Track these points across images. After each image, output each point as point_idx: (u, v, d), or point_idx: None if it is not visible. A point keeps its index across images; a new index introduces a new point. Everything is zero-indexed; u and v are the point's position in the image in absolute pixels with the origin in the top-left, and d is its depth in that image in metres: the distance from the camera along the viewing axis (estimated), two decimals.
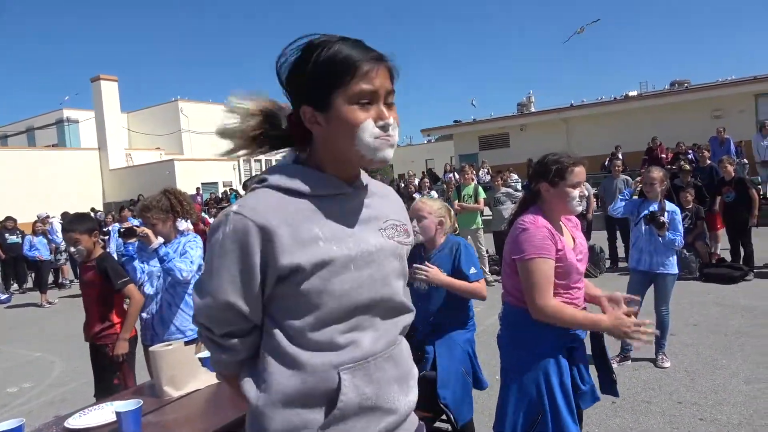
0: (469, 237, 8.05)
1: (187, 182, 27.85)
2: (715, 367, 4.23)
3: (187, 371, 2.42)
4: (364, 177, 1.21)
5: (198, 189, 23.08)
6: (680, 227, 4.25)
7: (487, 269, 8.04)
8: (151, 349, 2.43)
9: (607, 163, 15.87)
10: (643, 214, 4.35)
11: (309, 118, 1.08)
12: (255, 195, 1.09)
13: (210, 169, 31.83)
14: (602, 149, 17.57)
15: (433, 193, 9.43)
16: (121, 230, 3.33)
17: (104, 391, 3.14)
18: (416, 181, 11.44)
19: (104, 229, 9.68)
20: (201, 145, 34.13)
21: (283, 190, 1.08)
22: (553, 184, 2.17)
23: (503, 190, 8.25)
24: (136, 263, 3.30)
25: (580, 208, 2.18)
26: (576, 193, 2.14)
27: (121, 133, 33.61)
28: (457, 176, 19.05)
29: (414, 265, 2.83)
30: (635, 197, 4.86)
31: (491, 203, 8.10)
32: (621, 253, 8.49)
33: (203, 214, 11.83)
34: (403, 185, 12.75)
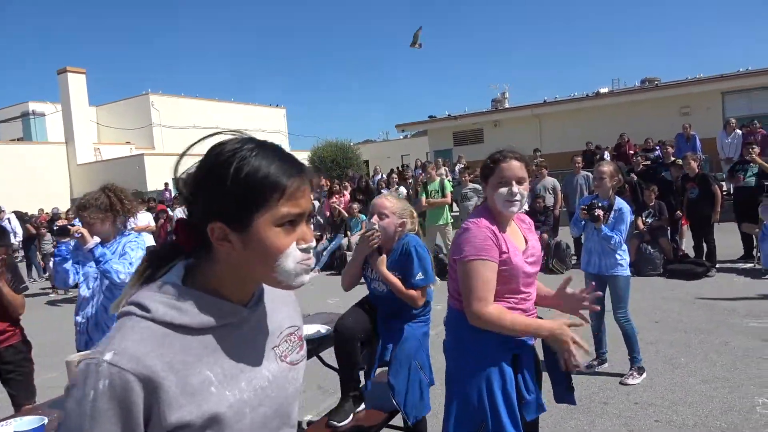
0: (437, 233, 7.98)
1: (157, 177, 27.31)
2: (674, 366, 4.21)
3: None
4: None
5: (166, 184, 22.58)
6: (624, 226, 4.00)
7: None
8: (66, 359, 2.25)
9: (599, 158, 16.02)
10: (581, 204, 4.22)
11: (218, 235, 0.90)
12: (133, 332, 0.86)
13: (182, 164, 31.22)
14: (574, 145, 17.66)
15: (401, 190, 9.32)
16: (54, 228, 3.13)
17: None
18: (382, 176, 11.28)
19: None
20: (173, 139, 33.48)
21: (170, 326, 0.88)
22: (486, 182, 2.07)
23: (470, 185, 8.18)
24: (68, 264, 3.09)
25: (513, 209, 2.02)
26: (503, 190, 1.99)
27: (90, 127, 32.79)
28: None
29: (364, 231, 2.77)
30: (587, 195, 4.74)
31: (458, 199, 8.03)
32: None
33: (170, 211, 11.50)
34: (364, 183, 12.57)
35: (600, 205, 4.08)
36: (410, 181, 11.15)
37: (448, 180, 8.44)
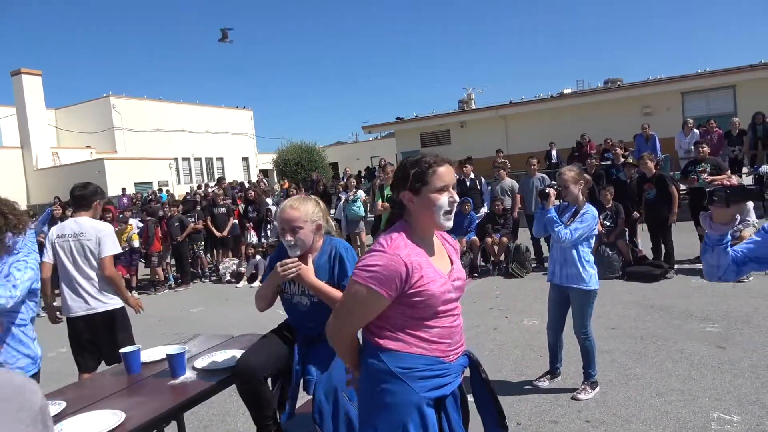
0: None
1: (118, 181, 26.54)
2: (628, 378, 4.02)
3: None
4: None
5: (123, 189, 21.90)
6: (581, 227, 3.70)
7: None
8: None
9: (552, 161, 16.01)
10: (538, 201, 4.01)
11: None
12: None
13: (144, 168, 30.45)
14: (539, 146, 17.68)
15: (360, 193, 9.03)
16: None
17: None
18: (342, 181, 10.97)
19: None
20: (136, 143, 32.62)
21: None
22: (414, 192, 1.78)
23: None
24: None
25: (449, 223, 1.79)
26: (444, 199, 1.75)
27: (47, 131, 31.73)
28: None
29: (279, 262, 2.45)
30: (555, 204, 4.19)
31: None
32: (546, 252, 8.36)
33: (131, 217, 10.90)
34: (321, 187, 12.24)
35: (552, 184, 3.89)
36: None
37: None
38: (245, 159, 39.82)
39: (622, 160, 8.12)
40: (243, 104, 42.15)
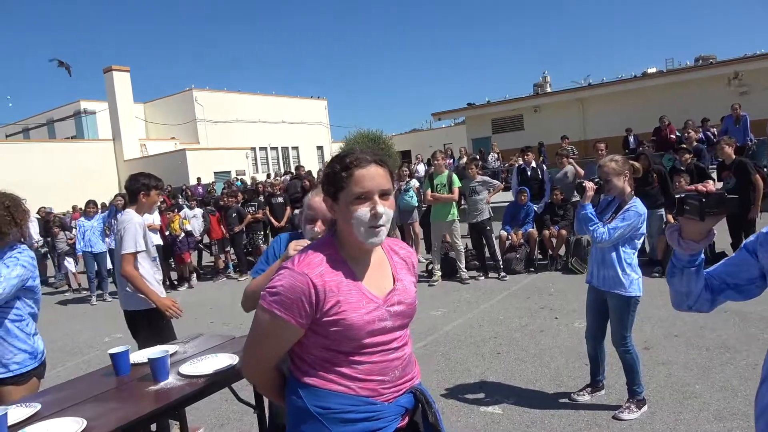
0: (444, 231, 7.40)
1: (199, 171, 27.72)
2: (684, 396, 3.53)
3: None
4: None
5: (198, 179, 22.87)
6: (622, 225, 3.19)
7: (462, 265, 7.36)
8: None
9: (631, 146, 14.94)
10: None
11: None
12: None
13: (222, 157, 31.63)
14: (618, 131, 16.57)
15: (413, 182, 8.75)
16: None
17: None
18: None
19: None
20: (216, 133, 33.97)
21: None
22: (332, 198, 1.48)
23: (479, 178, 7.52)
24: None
25: (377, 239, 1.44)
26: (363, 211, 1.41)
27: (136, 124, 33.66)
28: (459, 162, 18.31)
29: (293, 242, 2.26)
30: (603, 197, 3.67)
31: (467, 193, 7.40)
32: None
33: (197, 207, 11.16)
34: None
35: (594, 179, 3.43)
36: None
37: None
38: (320, 148, 40.47)
39: (695, 144, 7.25)
40: (317, 94, 42.80)
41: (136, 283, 3.54)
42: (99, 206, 9.91)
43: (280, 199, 10.43)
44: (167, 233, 9.22)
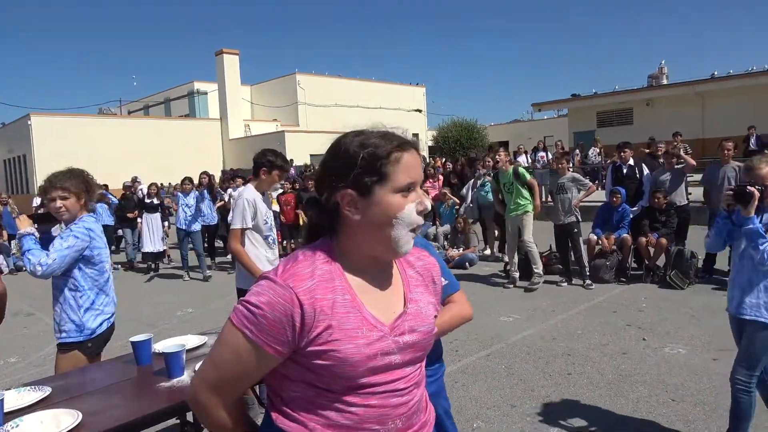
0: (517, 225, 6.82)
1: (296, 153, 28.58)
2: None
3: None
4: None
5: (291, 161, 23.50)
6: None
7: (536, 266, 6.75)
8: None
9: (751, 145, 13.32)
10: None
11: None
12: None
13: (319, 141, 32.13)
14: (741, 129, 14.85)
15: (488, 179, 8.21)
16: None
17: None
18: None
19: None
20: (316, 117, 34.81)
21: None
22: (362, 191, 1.12)
23: (568, 174, 6.85)
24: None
25: (411, 245, 1.15)
26: (411, 207, 1.12)
27: (242, 105, 35.29)
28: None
29: None
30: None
31: (554, 190, 6.80)
32: (722, 262, 6.78)
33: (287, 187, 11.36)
34: (460, 166, 11.28)
35: (757, 186, 2.75)
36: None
37: (524, 167, 7.21)
38: (416, 135, 40.05)
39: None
40: (417, 81, 42.57)
41: (241, 259, 3.56)
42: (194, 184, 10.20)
43: None
44: None
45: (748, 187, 2.70)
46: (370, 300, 1.15)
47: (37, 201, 13.64)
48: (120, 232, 11.11)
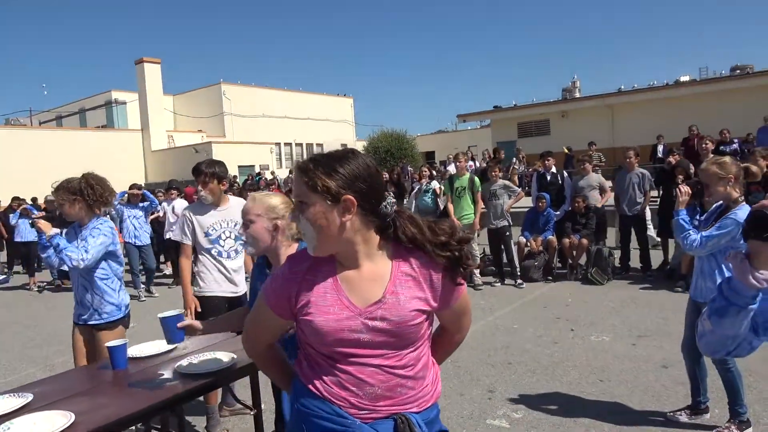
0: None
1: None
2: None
3: None
4: None
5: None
6: (717, 231, 2.97)
7: (477, 271, 7.23)
8: None
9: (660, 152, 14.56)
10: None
11: None
12: None
13: (247, 152, 31.85)
14: (647, 139, 16.21)
15: (434, 183, 8.61)
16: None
17: None
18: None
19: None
20: (243, 128, 34.26)
21: None
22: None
23: (500, 182, 7.36)
24: (50, 251, 3.19)
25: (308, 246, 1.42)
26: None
27: (165, 115, 34.14)
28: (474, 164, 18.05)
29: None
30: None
31: (486, 196, 7.26)
32: (636, 259, 7.50)
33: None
34: (396, 176, 11.75)
35: (694, 184, 3.16)
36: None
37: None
38: (344, 145, 40.17)
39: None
40: (344, 92, 42.94)
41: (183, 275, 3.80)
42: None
43: None
44: None
45: (680, 186, 3.33)
46: (350, 287, 1.38)
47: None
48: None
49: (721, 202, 3.14)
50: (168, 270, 9.79)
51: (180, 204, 8.44)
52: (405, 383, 1.41)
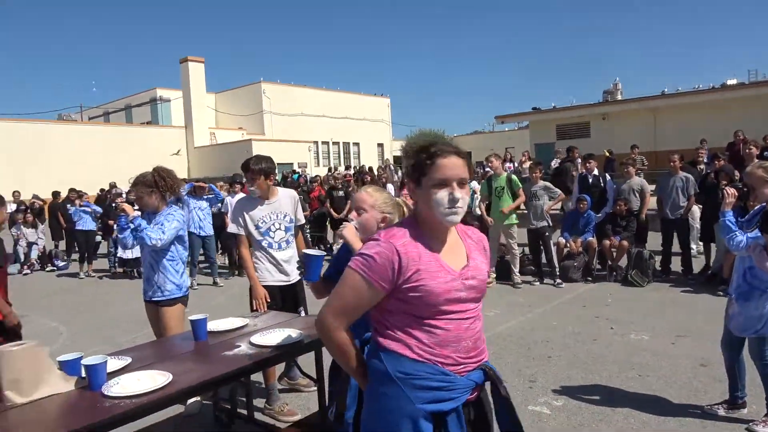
0: (501, 233, 7.43)
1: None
2: None
3: (34, 375, 2.17)
4: None
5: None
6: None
7: (516, 270, 7.37)
8: None
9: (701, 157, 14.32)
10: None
11: None
12: None
13: (286, 149, 32.46)
14: (691, 143, 15.91)
15: (473, 184, 8.79)
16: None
17: None
18: None
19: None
20: (281, 125, 34.92)
21: None
22: (415, 182, 1.66)
23: (541, 183, 7.48)
24: (127, 232, 3.67)
25: (455, 218, 1.62)
26: (443, 194, 1.59)
27: (207, 113, 35.06)
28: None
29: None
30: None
31: (527, 197, 7.39)
32: (677, 262, 7.51)
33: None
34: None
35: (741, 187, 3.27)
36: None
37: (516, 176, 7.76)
38: (380, 145, 40.89)
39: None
40: (381, 92, 43.23)
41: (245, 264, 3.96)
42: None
43: (341, 193, 10.73)
44: None
45: (726, 188, 3.41)
46: (443, 254, 1.66)
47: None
48: (99, 238, 11.09)
49: (764, 203, 3.25)
50: (220, 261, 10.19)
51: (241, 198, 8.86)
52: (480, 335, 1.70)
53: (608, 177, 8.06)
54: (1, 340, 3.13)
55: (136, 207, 3.83)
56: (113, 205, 9.35)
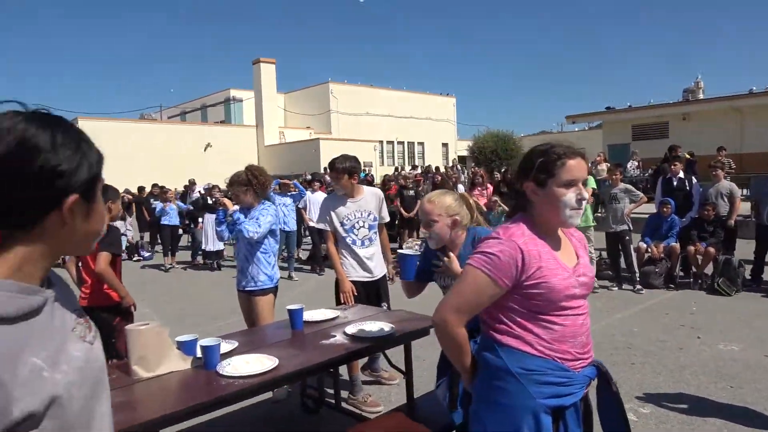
0: None
1: (329, 160, 29.26)
2: None
3: (158, 353, 2.37)
4: None
5: (325, 169, 24.02)
6: None
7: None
8: (126, 327, 2.43)
9: None
10: None
11: None
12: None
13: (352, 149, 32.77)
14: None
15: None
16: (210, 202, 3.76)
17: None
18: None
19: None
20: (348, 125, 35.49)
21: None
22: (539, 183, 1.68)
23: (621, 185, 7.25)
24: (224, 226, 3.95)
25: (576, 220, 1.68)
26: (571, 195, 1.64)
27: (277, 113, 36.15)
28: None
29: (432, 261, 2.53)
30: None
31: (606, 200, 7.19)
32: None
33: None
34: (510, 175, 11.74)
35: None
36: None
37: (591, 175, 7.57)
38: (445, 145, 40.73)
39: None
40: (447, 91, 43.01)
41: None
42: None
43: (411, 192, 10.81)
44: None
45: None
46: (558, 253, 1.71)
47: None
48: (180, 231, 11.66)
49: None
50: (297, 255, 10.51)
51: (318, 196, 9.24)
52: (588, 330, 1.74)
53: (694, 180, 7.72)
54: (119, 320, 3.42)
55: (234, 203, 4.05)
56: (214, 200, 9.92)
